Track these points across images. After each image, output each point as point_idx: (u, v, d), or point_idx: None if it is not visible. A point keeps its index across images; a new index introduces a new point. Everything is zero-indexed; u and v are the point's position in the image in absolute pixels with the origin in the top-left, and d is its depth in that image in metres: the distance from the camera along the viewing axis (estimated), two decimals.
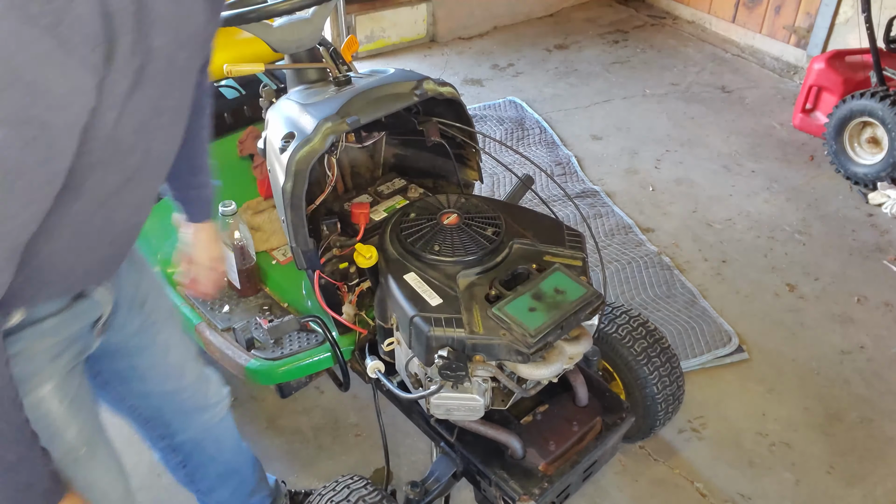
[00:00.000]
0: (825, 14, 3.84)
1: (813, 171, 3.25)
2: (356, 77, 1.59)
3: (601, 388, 1.61)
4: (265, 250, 1.95)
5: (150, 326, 1.28)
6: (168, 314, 1.34)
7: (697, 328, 2.39)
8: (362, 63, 4.16)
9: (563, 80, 4.06)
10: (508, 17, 4.71)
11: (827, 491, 1.94)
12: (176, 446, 1.46)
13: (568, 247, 1.48)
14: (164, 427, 1.42)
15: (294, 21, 1.60)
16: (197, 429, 1.46)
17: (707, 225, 2.93)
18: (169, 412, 1.40)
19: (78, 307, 1.06)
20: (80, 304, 1.06)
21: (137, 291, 1.24)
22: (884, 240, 2.83)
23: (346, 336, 1.66)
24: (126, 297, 1.20)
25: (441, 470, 1.56)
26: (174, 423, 1.42)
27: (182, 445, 1.46)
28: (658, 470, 1.99)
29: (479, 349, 1.29)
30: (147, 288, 1.27)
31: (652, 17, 4.86)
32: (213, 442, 1.51)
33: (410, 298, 1.35)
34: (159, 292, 1.33)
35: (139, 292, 1.24)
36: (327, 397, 2.19)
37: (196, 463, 1.51)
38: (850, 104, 3.03)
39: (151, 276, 1.30)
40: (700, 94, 3.89)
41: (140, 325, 1.25)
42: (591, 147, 3.44)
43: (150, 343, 1.29)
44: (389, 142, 1.87)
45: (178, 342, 1.37)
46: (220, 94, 2.21)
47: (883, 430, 2.10)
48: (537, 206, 2.76)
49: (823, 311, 2.51)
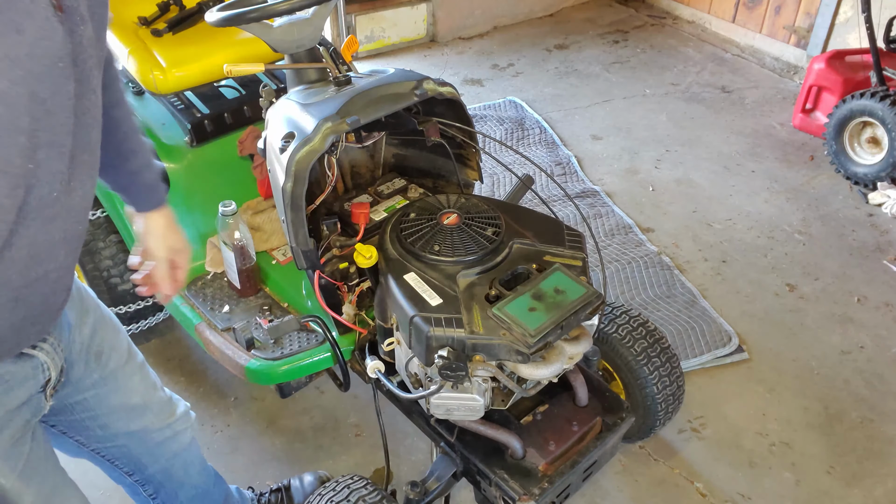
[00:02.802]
0: (825, 14, 3.84)
1: (813, 171, 3.25)
2: (356, 77, 1.59)
3: (601, 388, 1.61)
4: (265, 250, 1.95)
5: (110, 375, 1.20)
6: (127, 354, 1.25)
7: (697, 328, 2.39)
8: (362, 63, 4.16)
9: (563, 80, 4.06)
10: (508, 17, 4.71)
11: (827, 491, 1.94)
12: (145, 480, 1.41)
13: (568, 247, 1.48)
14: (132, 464, 1.36)
15: (294, 21, 1.60)
16: (166, 458, 1.40)
17: (707, 225, 2.93)
18: (136, 450, 1.33)
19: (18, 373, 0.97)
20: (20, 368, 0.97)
21: (92, 341, 1.15)
22: (884, 240, 2.83)
23: (346, 336, 1.66)
24: (80, 351, 1.12)
25: (441, 470, 1.56)
26: (143, 459, 1.36)
27: (152, 478, 1.41)
28: (658, 470, 1.99)
29: (479, 349, 1.29)
30: (101, 334, 1.18)
31: (652, 17, 4.86)
32: (182, 467, 1.45)
33: (410, 298, 1.35)
34: (115, 332, 1.23)
35: (94, 342, 1.16)
36: (327, 397, 2.19)
37: (167, 492, 1.46)
38: (850, 104, 3.03)
39: (102, 315, 1.20)
40: (700, 94, 3.89)
41: (99, 377, 1.18)
42: (591, 147, 3.44)
43: (112, 391, 1.21)
44: (389, 142, 1.87)
45: (140, 381, 1.29)
46: (221, 94, 2.21)
47: (883, 430, 2.10)
48: (537, 206, 2.76)
49: (823, 311, 2.51)
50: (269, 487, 1.84)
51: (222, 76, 2.05)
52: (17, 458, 1.00)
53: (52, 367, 1.03)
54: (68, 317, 1.09)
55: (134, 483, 1.41)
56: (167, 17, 2.12)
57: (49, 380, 1.04)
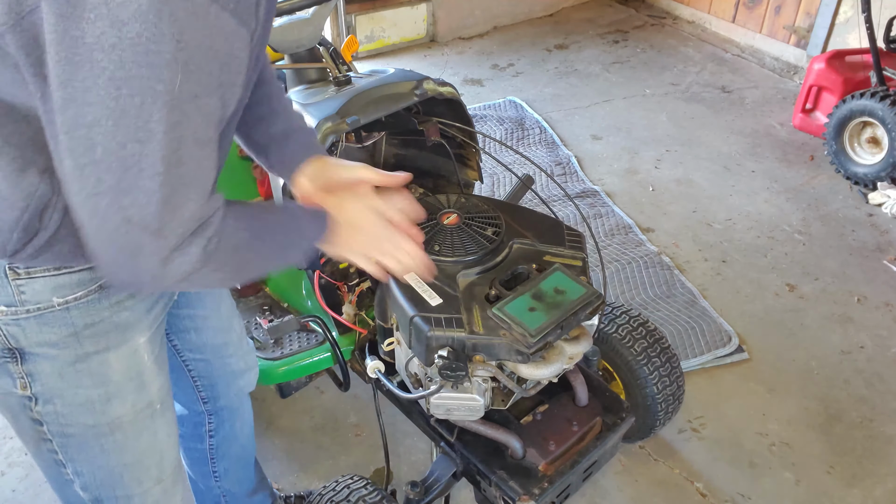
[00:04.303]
0: (825, 14, 3.84)
1: (813, 171, 3.25)
2: (356, 77, 1.59)
3: (601, 388, 1.60)
4: None
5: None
6: None
7: (697, 328, 2.39)
8: (362, 63, 4.15)
9: (563, 80, 4.06)
10: (508, 17, 4.71)
11: (827, 491, 1.94)
12: (214, 411, 1.47)
13: (568, 247, 1.48)
14: (209, 388, 1.42)
15: (294, 21, 1.60)
16: (235, 395, 1.47)
17: (707, 225, 2.93)
18: (216, 370, 1.40)
19: None
20: None
21: None
22: (884, 240, 2.83)
23: (346, 336, 1.66)
24: None
25: (441, 470, 1.56)
26: (219, 384, 1.42)
27: (219, 411, 1.47)
28: (658, 470, 1.99)
29: (479, 349, 1.29)
30: None
31: (652, 17, 4.86)
32: (242, 416, 1.52)
33: (410, 298, 1.35)
34: None
35: None
36: (327, 397, 2.19)
37: (223, 435, 1.51)
38: (850, 104, 3.03)
39: None
40: (700, 94, 3.89)
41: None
42: (591, 147, 3.45)
43: (207, 292, 1.30)
44: (389, 142, 1.87)
45: (228, 296, 1.38)
46: None
47: (883, 430, 2.10)
48: (537, 206, 2.76)
49: (823, 311, 2.51)
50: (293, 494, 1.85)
51: None
52: (155, 342, 1.09)
53: None
54: None
55: (202, 412, 1.46)
56: None
57: None
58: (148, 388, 1.08)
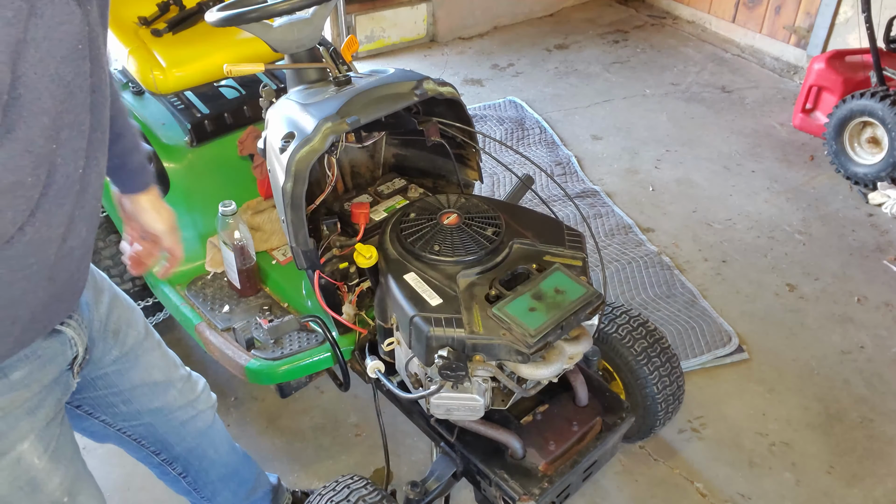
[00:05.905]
0: (825, 14, 3.84)
1: (813, 171, 3.25)
2: (356, 77, 1.59)
3: (601, 388, 1.61)
4: (265, 250, 1.95)
5: (130, 351, 1.22)
6: (144, 331, 1.27)
7: (697, 328, 2.39)
8: (362, 63, 4.16)
9: (563, 80, 4.06)
10: (508, 17, 4.71)
11: (827, 491, 1.94)
12: (173, 459, 1.42)
13: (568, 247, 1.48)
14: (159, 444, 1.37)
15: (294, 21, 1.60)
16: (192, 437, 1.41)
17: (707, 225, 2.93)
18: (160, 428, 1.34)
19: (50, 349, 0.99)
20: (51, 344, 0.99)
21: (108, 319, 1.17)
22: (884, 240, 2.83)
23: (346, 336, 1.66)
24: (98, 329, 1.14)
25: (441, 470, 1.56)
26: (168, 438, 1.37)
27: (180, 457, 1.42)
28: (658, 470, 1.99)
29: (479, 349, 1.29)
30: (117, 311, 1.19)
31: (652, 17, 4.86)
32: (210, 446, 1.47)
33: (410, 298, 1.35)
34: (130, 310, 1.25)
35: (110, 320, 1.17)
36: (327, 397, 2.19)
37: (196, 470, 1.48)
38: (850, 104, 3.03)
39: (116, 294, 1.22)
40: (700, 94, 3.89)
41: (119, 353, 1.20)
42: (591, 147, 3.44)
43: (131, 366, 1.23)
44: (389, 142, 1.87)
45: (160, 357, 1.31)
46: (221, 94, 2.20)
47: (883, 430, 2.10)
48: (537, 206, 2.76)
49: (823, 311, 2.51)
50: (300, 490, 1.84)
51: (222, 76, 2.05)
52: (49, 438, 1.02)
53: (79, 342, 1.06)
54: (85, 296, 1.11)
55: (162, 463, 1.42)
56: (167, 17, 2.12)
57: (76, 356, 1.06)
58: (44, 489, 1.01)
